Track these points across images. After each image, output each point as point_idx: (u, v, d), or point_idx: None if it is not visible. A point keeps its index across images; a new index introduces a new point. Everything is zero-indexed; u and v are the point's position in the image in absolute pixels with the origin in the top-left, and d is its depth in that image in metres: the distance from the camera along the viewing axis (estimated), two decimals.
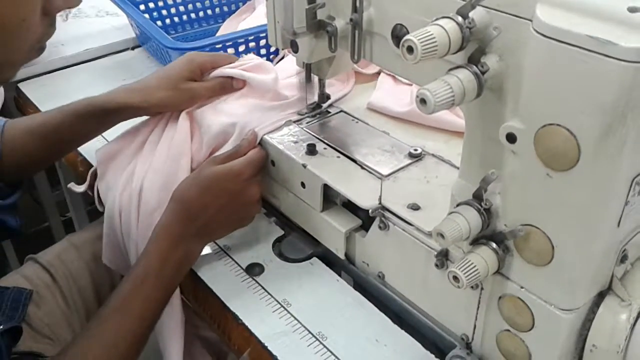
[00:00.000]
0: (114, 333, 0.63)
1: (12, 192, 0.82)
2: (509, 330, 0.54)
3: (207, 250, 0.73)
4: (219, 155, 0.72)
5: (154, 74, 0.82)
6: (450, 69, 0.45)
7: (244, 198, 0.70)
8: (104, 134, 0.90)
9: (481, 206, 0.50)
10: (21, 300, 0.76)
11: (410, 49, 0.42)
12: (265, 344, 0.62)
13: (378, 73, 0.89)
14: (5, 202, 0.80)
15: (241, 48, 0.99)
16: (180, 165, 0.75)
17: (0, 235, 0.86)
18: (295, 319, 0.65)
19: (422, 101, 0.43)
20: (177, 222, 0.67)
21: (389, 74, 0.87)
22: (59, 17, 0.63)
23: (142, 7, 1.15)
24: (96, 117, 0.80)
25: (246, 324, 0.64)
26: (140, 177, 0.77)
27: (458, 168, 0.54)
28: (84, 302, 0.87)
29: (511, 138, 0.45)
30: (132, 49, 1.20)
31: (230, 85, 0.81)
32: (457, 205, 0.51)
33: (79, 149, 0.90)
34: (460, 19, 0.44)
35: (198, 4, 1.21)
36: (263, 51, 1.01)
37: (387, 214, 0.63)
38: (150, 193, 0.75)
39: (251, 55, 0.83)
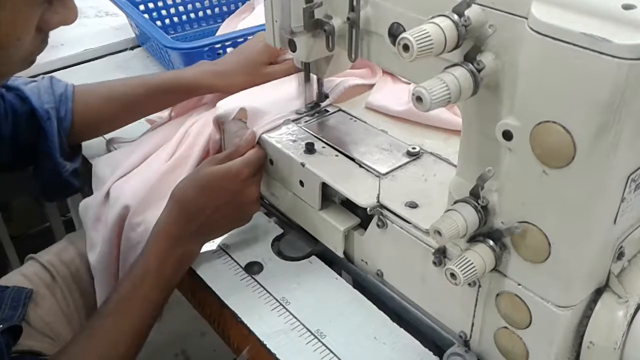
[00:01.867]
0: (113, 332, 0.63)
1: (74, 155, 0.85)
2: (506, 328, 0.54)
3: (206, 248, 0.73)
4: (218, 155, 0.72)
5: (234, 56, 0.84)
6: (447, 67, 0.45)
7: (243, 198, 0.70)
8: (104, 135, 0.92)
9: (478, 203, 0.50)
10: (21, 299, 0.77)
11: (406, 47, 0.43)
12: (264, 342, 0.62)
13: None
14: (73, 165, 0.83)
15: None
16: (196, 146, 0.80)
17: (65, 194, 0.91)
18: (294, 317, 0.65)
19: (418, 99, 0.43)
20: (175, 222, 0.68)
21: (387, 73, 0.87)
22: None
23: (141, 7, 1.15)
24: (179, 94, 0.83)
25: (245, 322, 0.64)
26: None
27: (456, 166, 0.55)
28: (84, 301, 0.87)
29: (507, 135, 0.45)
30: (132, 49, 1.20)
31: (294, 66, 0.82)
32: (455, 203, 0.51)
33: None
34: (456, 17, 0.44)
35: (197, 4, 1.21)
36: None
37: (385, 212, 0.63)
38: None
39: None
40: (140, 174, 0.81)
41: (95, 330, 0.64)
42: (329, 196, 0.70)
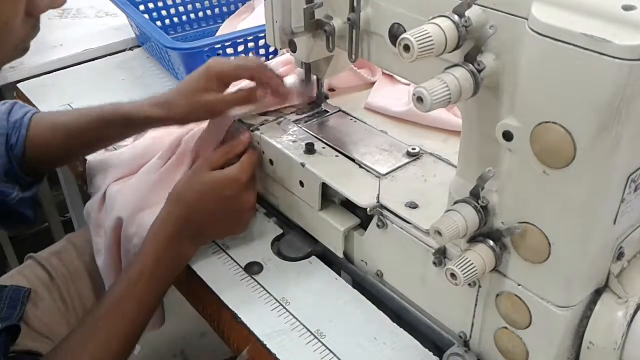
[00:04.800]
0: (107, 332, 0.63)
1: (33, 183, 0.82)
2: (506, 328, 0.54)
3: (206, 248, 0.73)
4: (213, 156, 0.72)
5: (178, 85, 0.77)
6: (447, 68, 0.45)
7: (239, 204, 0.70)
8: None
9: (478, 204, 0.50)
10: (19, 299, 0.76)
11: (407, 48, 0.43)
12: (264, 342, 0.62)
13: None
14: (25, 194, 0.80)
15: (240, 48, 1.00)
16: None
17: (15, 225, 0.87)
18: (294, 317, 0.65)
19: (419, 99, 0.43)
20: (172, 223, 0.68)
21: (386, 74, 0.87)
22: (56, 16, 0.63)
23: (141, 7, 1.15)
24: (121, 125, 0.79)
25: (245, 322, 0.64)
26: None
27: (456, 166, 0.55)
28: (82, 301, 0.87)
29: (507, 136, 0.45)
30: (131, 49, 1.20)
31: (254, 96, 0.75)
32: (455, 203, 0.51)
33: None
34: (456, 17, 0.44)
35: (197, 5, 1.21)
36: (262, 51, 1.02)
37: (385, 213, 0.63)
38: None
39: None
40: (131, 184, 0.80)
41: (90, 330, 0.64)
42: (328, 196, 0.70)
